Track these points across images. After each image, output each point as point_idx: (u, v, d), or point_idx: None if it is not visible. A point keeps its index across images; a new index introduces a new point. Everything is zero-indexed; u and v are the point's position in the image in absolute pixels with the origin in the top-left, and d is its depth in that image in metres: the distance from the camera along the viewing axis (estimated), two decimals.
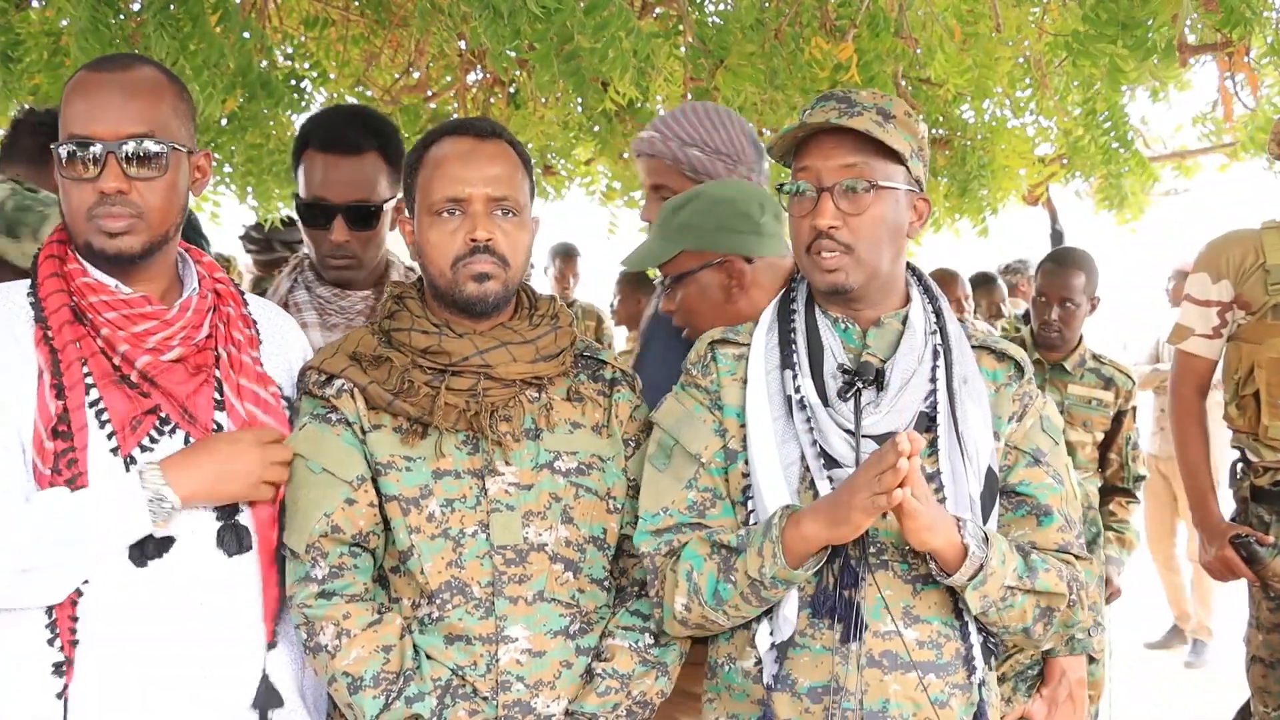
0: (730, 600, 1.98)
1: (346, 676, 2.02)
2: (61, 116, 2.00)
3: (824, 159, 2.03)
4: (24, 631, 1.93)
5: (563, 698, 2.10)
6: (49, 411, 1.93)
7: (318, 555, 2.05)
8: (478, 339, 2.12)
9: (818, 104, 2.08)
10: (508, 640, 2.07)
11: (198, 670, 2.00)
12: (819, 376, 2.05)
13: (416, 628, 2.09)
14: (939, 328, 2.11)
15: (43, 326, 1.98)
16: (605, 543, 2.17)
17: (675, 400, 2.15)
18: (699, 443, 2.09)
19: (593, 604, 2.16)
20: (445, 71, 5.58)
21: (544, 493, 2.13)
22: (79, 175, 1.96)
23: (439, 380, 2.09)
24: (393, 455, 2.09)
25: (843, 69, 3.92)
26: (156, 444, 2.00)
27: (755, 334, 2.13)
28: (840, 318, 2.10)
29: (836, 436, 2.01)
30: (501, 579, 2.08)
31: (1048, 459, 2.13)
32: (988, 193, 5.35)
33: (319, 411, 2.12)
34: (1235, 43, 4.39)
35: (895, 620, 2.01)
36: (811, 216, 2.03)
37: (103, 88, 1.98)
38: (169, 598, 1.98)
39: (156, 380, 2.01)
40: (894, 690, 2.00)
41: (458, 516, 2.08)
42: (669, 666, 2.17)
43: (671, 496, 2.07)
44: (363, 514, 2.07)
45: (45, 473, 1.91)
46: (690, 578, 2.00)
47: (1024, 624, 2.04)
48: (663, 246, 2.52)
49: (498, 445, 2.11)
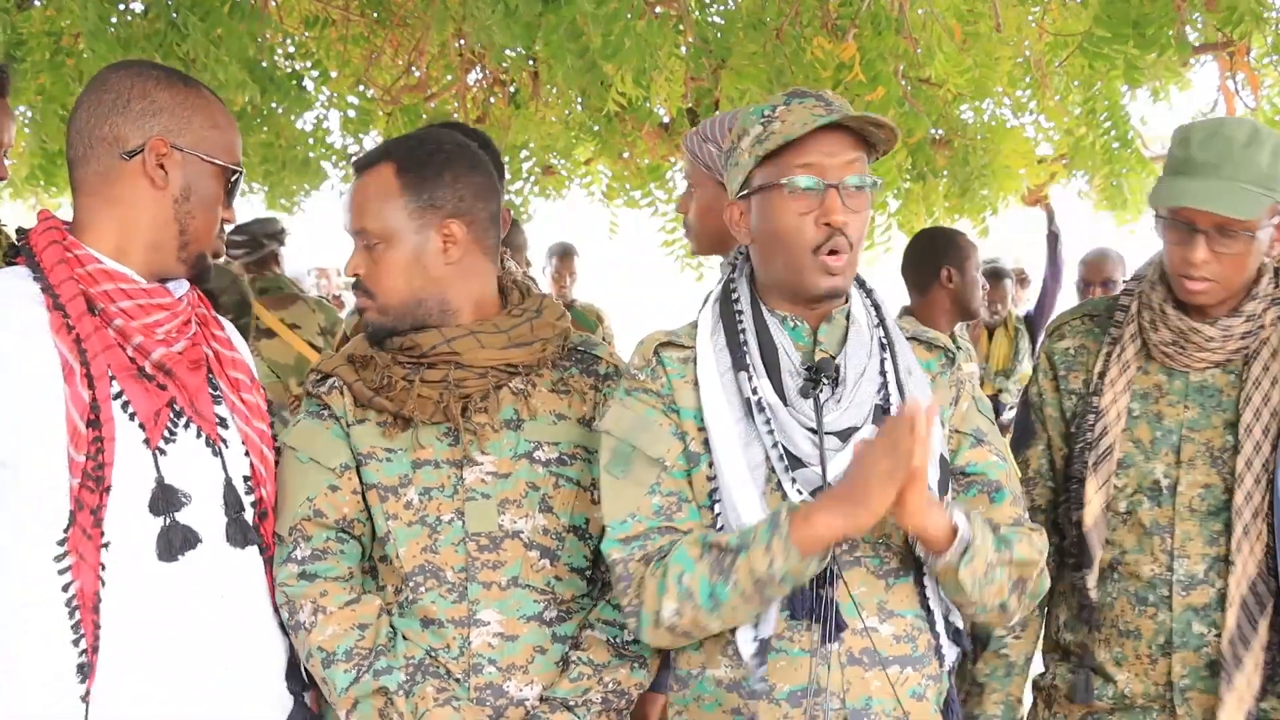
0: (729, 601, 1.93)
1: (321, 651, 2.07)
2: (227, 143, 2.08)
3: (829, 155, 2.00)
4: (47, 632, 1.91)
5: (537, 683, 2.13)
6: (83, 400, 1.91)
7: (299, 538, 2.12)
8: (447, 330, 2.16)
9: (795, 100, 2.04)
10: (480, 624, 2.11)
11: (221, 662, 2.01)
12: (775, 376, 2.03)
13: (397, 611, 2.14)
14: (880, 320, 2.12)
15: (62, 314, 1.94)
16: (588, 532, 2.20)
17: (622, 407, 2.09)
18: (659, 446, 2.04)
19: (570, 592, 2.18)
20: (445, 71, 5.59)
21: (521, 481, 2.16)
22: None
23: (415, 374, 2.14)
24: (373, 446, 2.16)
25: (846, 68, 3.93)
26: (175, 436, 2.00)
27: (699, 336, 2.09)
28: (789, 316, 2.08)
29: (800, 435, 2.00)
30: (474, 564, 2.12)
31: (988, 438, 2.15)
32: (988, 192, 5.35)
33: (313, 409, 2.21)
34: (1236, 42, 4.40)
35: (871, 616, 2.00)
36: (821, 213, 1.99)
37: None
38: (194, 591, 1.99)
39: (173, 372, 2.02)
40: (875, 687, 2.00)
41: (435, 504, 2.14)
42: (647, 660, 2.19)
43: (636, 503, 2.03)
44: (346, 500, 2.14)
45: (79, 460, 1.90)
46: (681, 581, 1.94)
47: (1001, 599, 2.04)
48: (1250, 196, 2.27)
49: (473, 435, 2.14)
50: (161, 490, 1.96)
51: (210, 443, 2.05)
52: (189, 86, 2.07)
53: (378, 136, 5.61)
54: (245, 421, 2.11)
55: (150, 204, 2.02)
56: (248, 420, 2.12)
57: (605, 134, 5.37)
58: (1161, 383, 2.44)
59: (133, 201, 2.02)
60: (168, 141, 2.01)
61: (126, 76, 2.05)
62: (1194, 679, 2.38)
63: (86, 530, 1.90)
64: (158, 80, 2.04)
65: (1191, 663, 2.38)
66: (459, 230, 2.16)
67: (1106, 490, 2.41)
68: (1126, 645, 2.43)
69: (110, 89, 2.03)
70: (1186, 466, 2.39)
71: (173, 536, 1.96)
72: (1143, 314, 2.44)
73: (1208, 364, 2.41)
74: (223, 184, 2.08)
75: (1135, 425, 2.43)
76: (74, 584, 1.90)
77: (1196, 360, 2.41)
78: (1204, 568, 2.38)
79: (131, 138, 2.01)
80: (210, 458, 2.05)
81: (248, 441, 2.10)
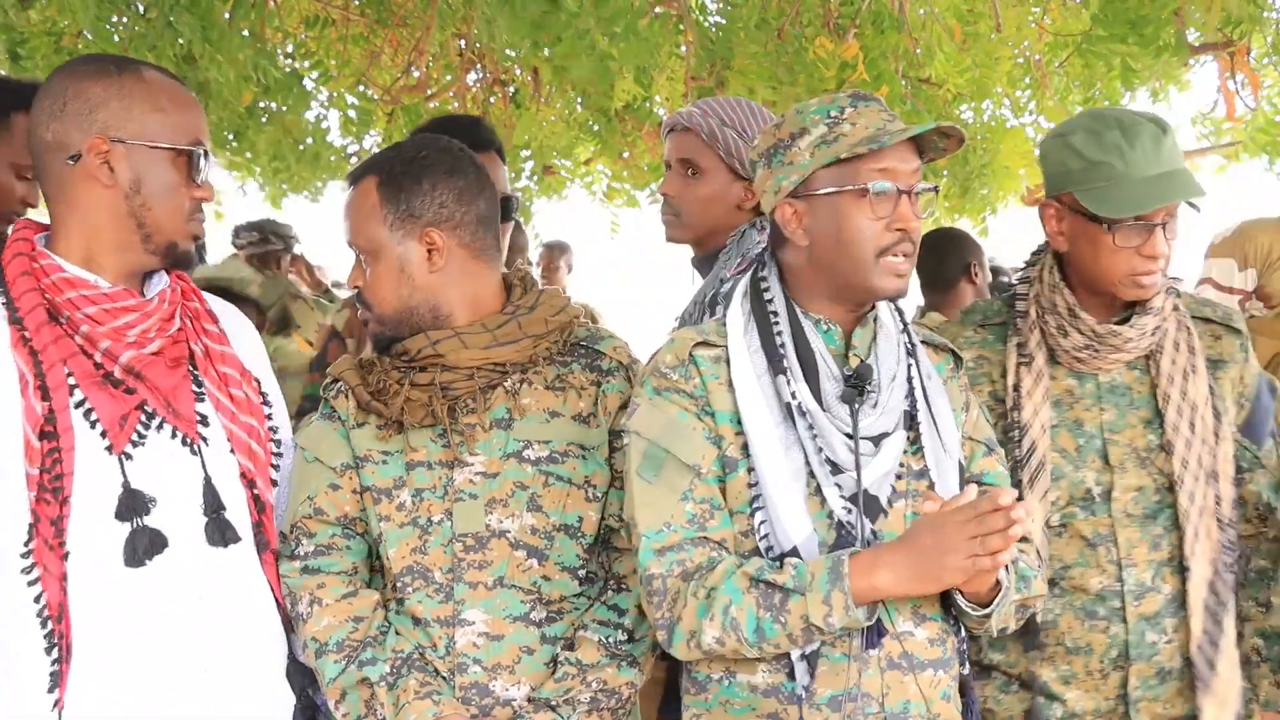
0: (774, 639, 1.92)
1: (315, 642, 2.10)
2: (175, 124, 2.03)
3: (904, 161, 2.02)
4: (20, 643, 1.91)
5: (524, 683, 2.12)
6: (35, 413, 1.90)
7: (301, 535, 2.16)
8: (433, 333, 2.17)
9: (860, 103, 2.05)
10: (465, 623, 2.11)
11: (201, 663, 1.99)
12: (812, 380, 2.03)
13: (394, 608, 2.16)
14: (904, 326, 2.12)
15: (18, 328, 1.94)
16: (580, 531, 2.17)
17: (653, 407, 2.04)
18: (695, 453, 2.01)
19: (559, 592, 2.16)
20: (445, 71, 5.59)
21: (509, 481, 2.15)
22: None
23: (406, 378, 2.16)
24: (370, 449, 2.18)
25: (849, 67, 3.93)
26: (145, 439, 1.99)
27: (730, 336, 2.07)
28: (823, 319, 2.07)
29: (839, 441, 1.99)
30: (460, 565, 2.12)
31: (996, 448, 2.17)
32: (988, 192, 5.36)
33: (325, 411, 2.24)
34: (1236, 42, 4.41)
35: (905, 621, 2.01)
36: (895, 218, 2.01)
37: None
38: (168, 594, 1.97)
39: (143, 374, 2.00)
40: (912, 691, 2.00)
41: (426, 505, 2.15)
42: (639, 659, 2.17)
43: (670, 510, 2.00)
44: (347, 499, 2.18)
45: (33, 473, 1.89)
46: (728, 612, 1.92)
47: (1006, 624, 2.08)
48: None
49: (461, 436, 2.15)
50: (127, 495, 1.94)
51: (188, 442, 2.02)
52: (125, 73, 2.01)
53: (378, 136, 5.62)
54: (231, 418, 2.08)
55: (105, 204, 1.99)
56: (233, 417, 2.09)
57: (605, 134, 5.38)
58: (1072, 387, 2.37)
59: (88, 205, 1.99)
60: (107, 137, 1.97)
61: (62, 79, 2.01)
62: (1145, 689, 2.33)
63: (49, 541, 1.88)
64: (92, 75, 1.99)
65: (1145, 673, 2.32)
66: (440, 238, 2.16)
67: (1044, 505, 2.33)
68: (1076, 662, 2.34)
69: (49, 94, 2.00)
70: (1118, 470, 2.34)
71: (138, 542, 1.94)
72: (1046, 319, 2.36)
73: (1118, 365, 2.36)
74: (180, 166, 2.02)
75: (1056, 434, 2.35)
76: (43, 594, 1.89)
77: (1110, 362, 2.35)
78: (1150, 574, 2.33)
79: (73, 141, 1.97)
80: (188, 458, 2.02)
81: (233, 438, 2.08)
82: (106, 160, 1.97)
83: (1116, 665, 2.33)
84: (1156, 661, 2.33)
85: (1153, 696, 2.33)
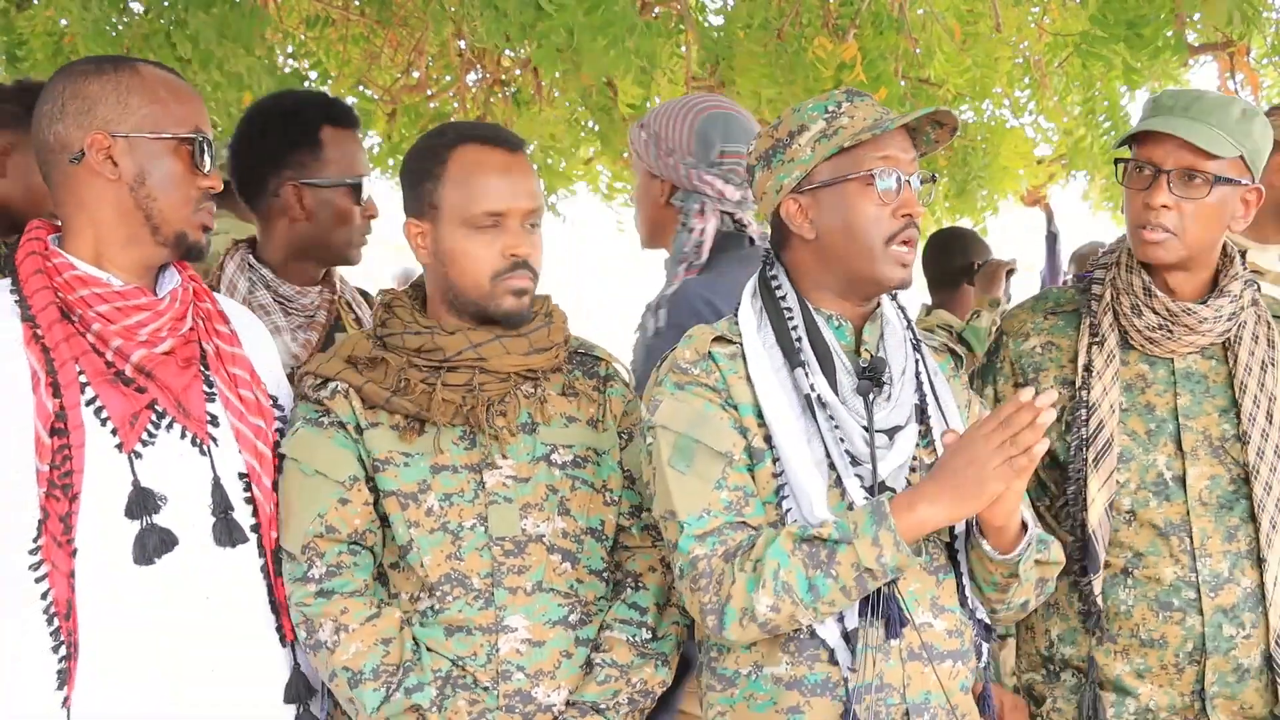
0: (828, 596, 1.93)
1: (346, 671, 2.04)
2: (175, 114, 2.02)
3: (903, 150, 2.08)
4: (28, 639, 1.92)
5: (563, 688, 2.12)
6: (46, 410, 1.91)
7: (314, 555, 2.08)
8: (471, 334, 2.14)
9: (856, 98, 2.10)
10: (507, 630, 2.09)
11: (208, 663, 2.00)
12: (829, 373, 2.05)
13: (417, 620, 2.11)
14: (908, 322, 2.15)
15: (31, 325, 1.95)
16: (603, 534, 2.20)
17: (677, 401, 2.06)
18: (725, 441, 2.03)
19: (591, 594, 2.17)
20: (445, 71, 5.59)
21: (541, 485, 2.15)
22: None
23: (435, 377, 2.12)
24: (390, 451, 2.12)
25: (848, 68, 3.93)
26: (155, 438, 1.99)
27: (744, 331, 2.09)
28: (834, 315, 2.10)
29: (856, 433, 2.02)
30: (500, 570, 2.10)
31: None
32: (988, 192, 5.37)
33: (311, 415, 2.15)
34: (1236, 42, 4.41)
35: (925, 612, 2.03)
36: (900, 205, 2.07)
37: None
38: (176, 592, 1.98)
39: (154, 374, 2.00)
40: (932, 682, 2.02)
41: (456, 510, 2.11)
42: (668, 657, 2.18)
43: (707, 498, 2.00)
44: (357, 513, 2.11)
45: (43, 469, 1.90)
46: (778, 577, 1.92)
47: (1027, 597, 2.09)
48: (1216, 136, 2.27)
49: (494, 439, 2.13)
50: (137, 493, 1.95)
51: (197, 442, 2.03)
52: (121, 69, 2.03)
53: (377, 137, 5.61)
54: (239, 418, 2.09)
55: (111, 199, 2.00)
56: (242, 416, 2.09)
57: (606, 133, 5.37)
58: (1144, 372, 2.36)
59: (95, 202, 2.00)
60: (108, 133, 1.99)
61: (59, 81, 2.03)
62: (1222, 684, 2.29)
63: (57, 538, 1.90)
64: (87, 74, 2.01)
65: (1222, 668, 2.28)
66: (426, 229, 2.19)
67: (1109, 487, 2.29)
68: (1150, 655, 2.30)
69: (48, 98, 2.02)
70: (1190, 457, 2.31)
71: (147, 540, 1.95)
72: (1121, 300, 2.35)
73: (1193, 349, 2.34)
74: (183, 155, 2.03)
75: (1127, 418, 2.33)
76: (51, 591, 1.90)
77: (1184, 345, 2.33)
78: (1228, 565, 2.28)
79: (74, 141, 1.99)
80: (198, 457, 2.03)
81: (240, 438, 2.08)
82: (109, 155, 1.98)
83: (1192, 659, 2.29)
84: (1234, 657, 2.28)
85: (1230, 694, 2.29)
